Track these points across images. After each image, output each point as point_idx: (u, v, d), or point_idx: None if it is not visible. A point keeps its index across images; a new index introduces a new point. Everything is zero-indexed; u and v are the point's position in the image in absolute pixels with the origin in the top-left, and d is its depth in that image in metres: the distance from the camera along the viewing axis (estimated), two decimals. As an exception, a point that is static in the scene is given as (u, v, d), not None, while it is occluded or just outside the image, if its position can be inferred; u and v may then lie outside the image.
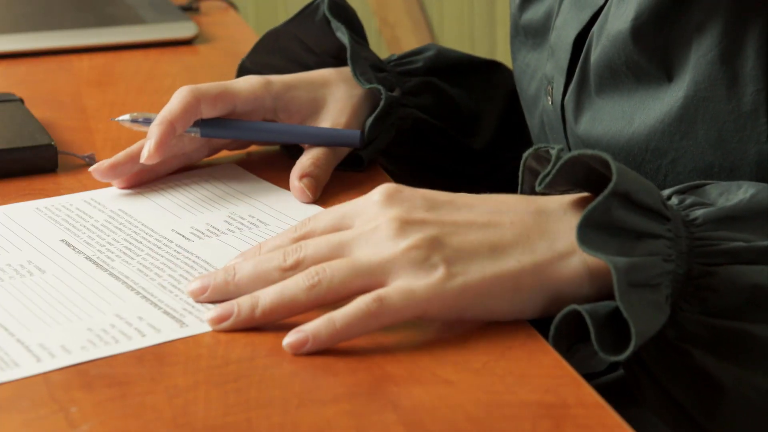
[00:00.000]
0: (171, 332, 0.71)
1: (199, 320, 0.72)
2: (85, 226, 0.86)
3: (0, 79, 1.25)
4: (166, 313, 0.73)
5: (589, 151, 0.69)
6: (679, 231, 0.69)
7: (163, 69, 1.29)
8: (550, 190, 0.72)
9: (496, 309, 0.70)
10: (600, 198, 0.67)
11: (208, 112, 0.93)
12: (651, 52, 0.80)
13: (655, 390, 0.71)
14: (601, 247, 0.67)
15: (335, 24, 1.00)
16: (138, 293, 0.76)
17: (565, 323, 0.68)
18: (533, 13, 0.98)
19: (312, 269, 0.71)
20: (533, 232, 0.71)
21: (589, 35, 0.86)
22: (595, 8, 0.86)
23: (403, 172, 1.05)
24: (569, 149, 0.90)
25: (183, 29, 1.38)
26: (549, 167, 0.70)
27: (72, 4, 1.50)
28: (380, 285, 0.70)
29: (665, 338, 0.69)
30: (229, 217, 0.88)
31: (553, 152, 0.71)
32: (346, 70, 0.99)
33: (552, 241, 0.71)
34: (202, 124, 0.93)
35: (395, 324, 0.69)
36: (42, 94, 1.17)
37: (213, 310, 0.72)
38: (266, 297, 0.71)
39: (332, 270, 0.70)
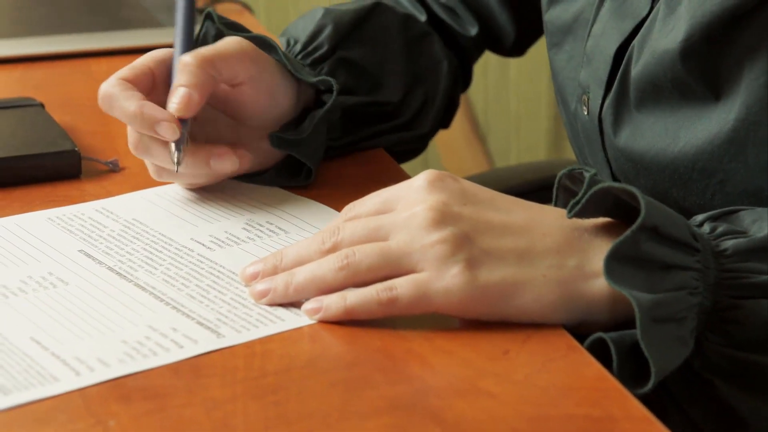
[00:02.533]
0: (208, 343, 0.70)
1: (235, 331, 0.71)
2: (101, 236, 0.85)
3: (17, 83, 1.24)
4: (200, 323, 0.72)
5: (617, 185, 0.70)
6: (708, 262, 0.70)
7: (181, 72, 1.28)
8: (580, 216, 0.72)
9: (513, 313, 0.71)
10: (628, 232, 0.68)
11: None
12: (700, 72, 0.79)
13: (678, 414, 0.71)
14: (628, 280, 0.68)
15: (234, 34, 0.94)
16: (168, 304, 0.75)
17: (590, 348, 0.69)
18: (561, 12, 0.96)
19: (343, 252, 0.73)
20: (564, 248, 0.71)
21: (630, 47, 0.85)
22: (638, 19, 0.85)
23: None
24: (607, 160, 0.89)
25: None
26: (580, 194, 0.70)
27: (87, 7, 1.49)
28: (406, 273, 0.72)
29: (689, 367, 0.70)
30: (247, 224, 0.87)
31: (587, 176, 0.71)
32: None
33: (581, 260, 0.71)
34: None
35: (409, 315, 0.71)
36: (60, 99, 1.16)
37: (258, 285, 0.75)
38: (299, 275, 0.74)
39: (361, 254, 0.72)
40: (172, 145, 0.86)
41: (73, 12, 1.47)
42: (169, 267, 0.80)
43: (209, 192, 0.92)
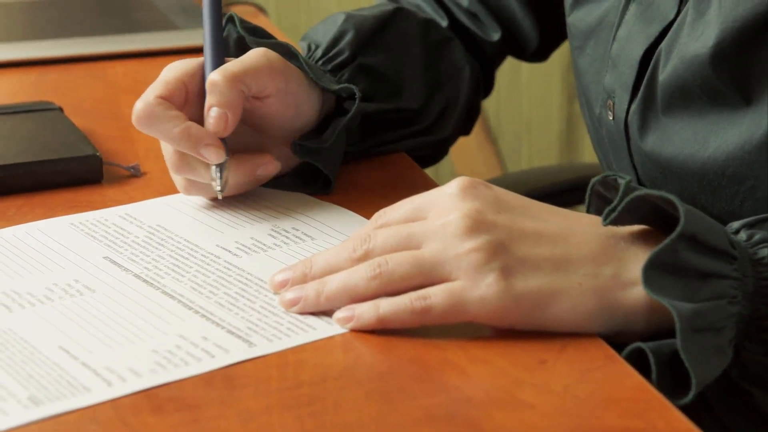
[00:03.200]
0: (240, 353, 0.69)
1: (266, 339, 0.70)
2: (126, 243, 0.84)
3: (32, 87, 1.23)
4: (230, 332, 0.71)
5: (655, 192, 0.69)
6: (746, 271, 0.69)
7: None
8: (616, 224, 0.71)
9: (549, 323, 0.70)
10: (667, 241, 0.67)
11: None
12: (730, 77, 0.78)
13: (715, 425, 0.71)
14: (666, 289, 0.67)
15: (256, 40, 0.93)
16: (197, 312, 0.74)
17: (628, 358, 0.68)
18: (584, 15, 0.95)
19: (375, 260, 0.72)
20: (600, 256, 0.70)
21: (657, 51, 0.84)
22: (665, 23, 0.84)
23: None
24: (633, 166, 0.88)
25: (216, 35, 1.36)
26: (615, 202, 0.70)
27: (100, 9, 1.48)
28: (439, 282, 0.71)
29: (727, 377, 0.69)
30: (273, 230, 0.86)
31: (622, 183, 0.70)
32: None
33: (617, 268, 0.70)
34: None
35: (442, 324, 0.70)
36: (77, 102, 1.15)
37: (288, 293, 0.74)
38: (331, 284, 0.73)
39: (394, 263, 0.72)
40: (214, 168, 0.85)
41: (87, 14, 1.46)
42: (196, 274, 0.79)
43: (233, 197, 0.91)
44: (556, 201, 0.90)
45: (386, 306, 0.70)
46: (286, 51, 0.91)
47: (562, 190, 1.41)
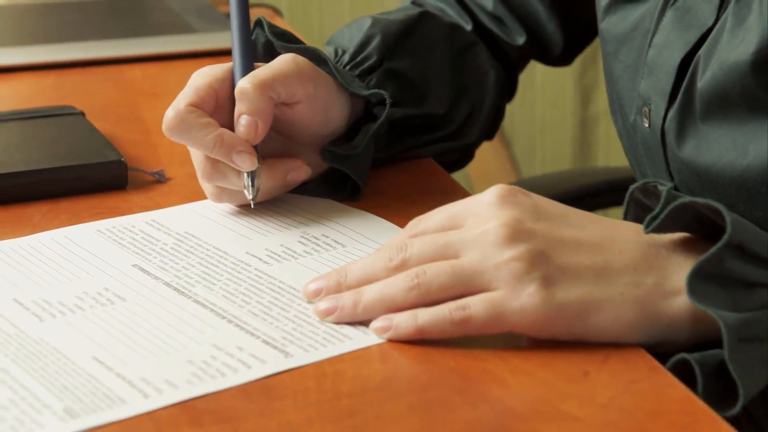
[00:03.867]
0: (277, 363, 0.68)
1: (303, 350, 0.69)
2: (154, 250, 0.83)
3: (50, 90, 1.22)
4: (266, 342, 0.70)
5: (700, 200, 0.68)
6: None
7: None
8: (658, 232, 0.70)
9: (591, 333, 0.69)
10: (713, 250, 0.66)
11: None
12: None
13: None
14: (711, 299, 0.66)
15: (284, 45, 0.92)
16: (230, 322, 0.73)
17: (672, 369, 0.67)
18: (618, 20, 0.94)
19: (413, 270, 0.71)
20: (641, 265, 0.69)
21: (695, 58, 0.83)
22: (703, 29, 0.83)
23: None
24: (670, 174, 0.87)
25: (234, 38, 1.35)
26: (658, 209, 0.69)
27: (116, 12, 1.47)
28: (478, 291, 0.70)
29: None
30: (302, 237, 0.85)
31: (663, 190, 0.69)
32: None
33: (659, 277, 0.69)
34: None
35: (482, 335, 0.69)
36: (97, 106, 1.14)
37: (322, 302, 0.73)
38: (368, 294, 0.72)
39: (432, 273, 0.70)
40: (246, 175, 0.84)
41: (102, 17, 1.45)
42: (227, 282, 0.78)
43: (260, 203, 0.90)
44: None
45: (425, 316, 0.69)
46: (315, 56, 0.90)
47: (578, 197, 1.40)
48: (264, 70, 0.85)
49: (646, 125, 0.89)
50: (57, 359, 0.68)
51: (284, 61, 0.86)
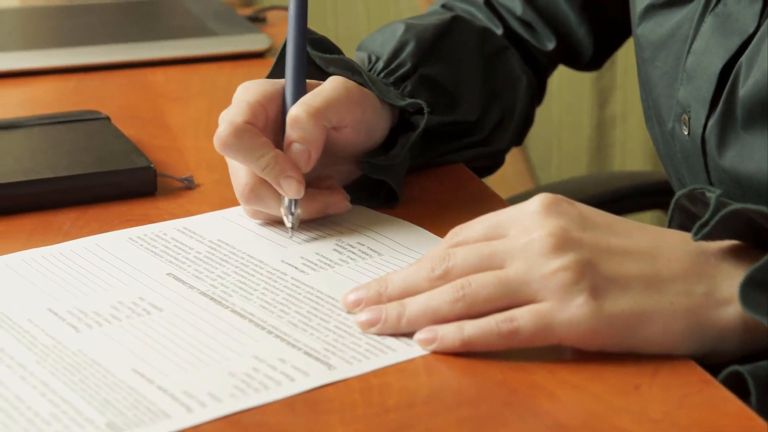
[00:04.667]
0: (320, 376, 0.67)
1: (346, 362, 0.68)
2: (187, 258, 0.82)
3: (73, 94, 1.21)
4: (308, 354, 0.69)
5: (753, 206, 0.67)
6: None
7: (241, 83, 1.24)
8: (707, 239, 0.69)
9: (640, 344, 0.68)
10: (767, 258, 0.65)
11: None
12: None
13: None
14: (765, 307, 0.65)
15: (320, 55, 0.91)
16: (270, 332, 0.72)
17: (724, 381, 0.66)
18: (655, 26, 0.93)
19: (458, 282, 0.70)
20: (691, 274, 0.68)
21: (737, 65, 0.81)
22: (744, 36, 0.82)
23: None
24: (710, 182, 0.85)
25: (256, 41, 1.34)
26: (707, 216, 0.67)
27: (135, 15, 1.46)
28: (525, 303, 0.68)
29: None
30: (338, 245, 0.83)
31: (711, 197, 0.68)
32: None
33: (709, 286, 0.68)
34: None
35: (529, 347, 0.67)
36: (121, 111, 1.12)
37: (364, 313, 0.72)
38: (412, 306, 0.70)
39: (478, 285, 0.69)
40: (286, 201, 0.83)
41: (122, 20, 1.44)
42: (264, 292, 0.77)
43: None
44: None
45: (471, 328, 0.68)
46: (349, 67, 0.89)
47: (603, 201, 1.38)
48: (316, 98, 0.84)
49: (686, 133, 0.87)
50: (96, 371, 0.67)
51: (335, 87, 0.85)
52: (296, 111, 0.83)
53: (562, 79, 2.10)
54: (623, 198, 1.39)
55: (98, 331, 0.72)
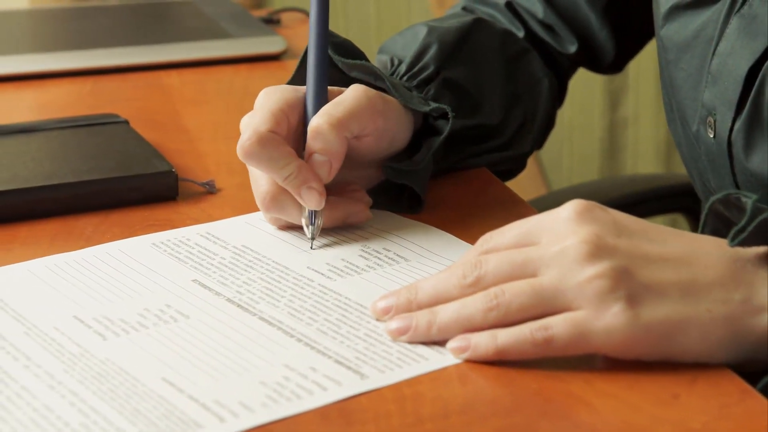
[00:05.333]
0: (353, 386, 0.66)
1: (378, 371, 0.67)
2: (212, 264, 0.81)
3: (89, 97, 1.20)
4: (338, 363, 0.68)
5: None
6: None
7: (257, 86, 1.21)
8: (744, 246, 0.68)
9: (677, 353, 0.67)
10: None
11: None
12: None
13: None
14: None
15: (342, 60, 0.90)
16: (300, 340, 0.71)
17: (763, 390, 0.65)
18: (679, 28, 0.92)
19: (492, 291, 0.69)
20: (728, 280, 0.67)
21: (764, 67, 0.81)
22: None
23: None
24: (736, 185, 0.85)
25: (272, 44, 1.33)
26: (744, 222, 0.66)
27: (149, 17, 1.45)
28: (560, 311, 0.67)
29: None
30: (363, 251, 0.83)
31: (748, 203, 0.67)
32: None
33: (747, 293, 0.67)
34: None
35: (564, 356, 0.66)
36: (139, 114, 1.12)
37: (394, 321, 0.71)
38: (444, 314, 0.70)
39: (512, 294, 0.68)
40: (306, 211, 0.82)
41: (136, 22, 1.43)
42: (291, 299, 0.76)
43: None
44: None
45: (504, 337, 0.67)
46: (372, 72, 0.88)
47: (619, 206, 1.37)
48: (338, 108, 0.83)
49: (711, 135, 0.86)
50: (125, 380, 0.66)
51: (357, 96, 0.84)
52: (318, 122, 0.82)
53: (574, 80, 2.10)
54: (641, 201, 1.38)
55: (125, 339, 0.71)
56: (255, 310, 0.74)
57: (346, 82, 0.90)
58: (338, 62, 0.89)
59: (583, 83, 2.09)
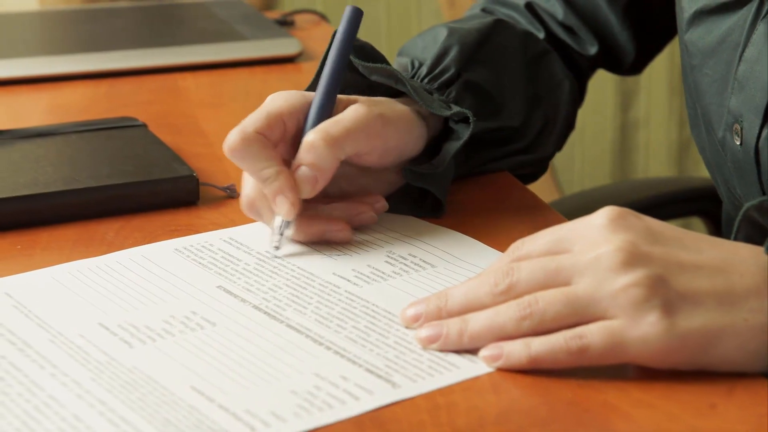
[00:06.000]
0: (385, 395, 0.65)
1: (409, 380, 0.66)
2: (236, 270, 0.80)
3: (105, 100, 1.19)
4: (369, 371, 0.67)
5: None
6: None
7: (273, 88, 1.20)
8: None
9: (714, 362, 0.66)
10: None
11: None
12: None
13: None
14: None
15: (362, 64, 0.89)
16: (329, 348, 0.70)
17: None
18: (704, 33, 0.91)
19: (525, 300, 0.67)
20: (764, 289, 0.66)
21: None
22: None
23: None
24: (763, 193, 0.84)
25: (287, 46, 1.32)
26: None
27: (162, 19, 1.44)
28: (594, 320, 0.66)
29: None
30: (389, 257, 0.82)
31: None
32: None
33: None
34: None
35: (598, 365, 0.65)
36: (155, 117, 1.11)
37: (424, 329, 0.70)
38: (476, 323, 0.69)
39: (545, 303, 0.67)
40: (278, 219, 0.81)
41: (148, 24, 1.43)
42: (318, 306, 0.75)
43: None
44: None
45: (538, 345, 0.66)
46: (392, 76, 0.88)
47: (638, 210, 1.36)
48: (336, 127, 0.82)
49: (738, 143, 0.85)
50: (154, 389, 0.65)
51: (356, 118, 0.83)
52: (313, 137, 0.81)
53: (586, 81, 2.09)
54: (656, 206, 1.37)
55: (152, 347, 0.70)
56: (282, 318, 0.73)
57: (366, 85, 0.89)
58: (358, 65, 0.88)
59: (595, 84, 2.08)
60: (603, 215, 0.69)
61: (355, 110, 0.83)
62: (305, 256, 0.82)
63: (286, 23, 1.45)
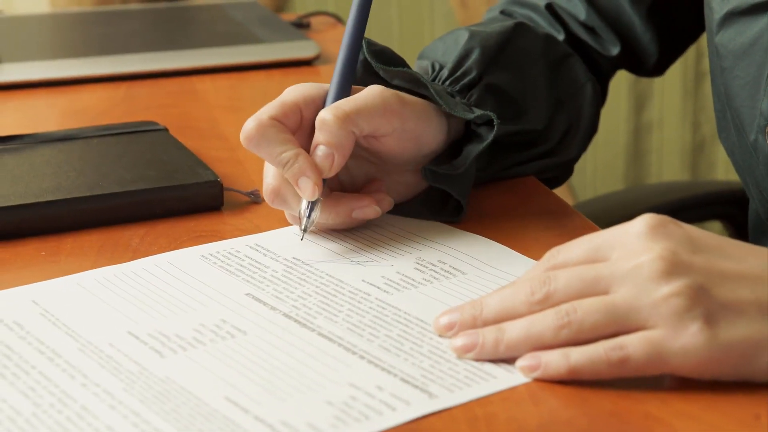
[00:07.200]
0: (422, 405, 0.64)
1: (446, 390, 0.65)
2: (264, 277, 0.79)
3: (123, 103, 1.18)
4: (405, 381, 0.66)
5: None
6: None
7: (292, 92, 1.22)
8: None
9: (757, 373, 0.65)
10: None
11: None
12: None
13: None
14: None
15: (382, 67, 0.88)
16: (363, 357, 0.69)
17: None
18: (735, 34, 0.90)
19: (563, 308, 0.66)
20: None
21: None
22: None
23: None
24: None
25: (305, 48, 1.31)
26: None
27: (179, 22, 1.43)
28: (633, 330, 0.65)
29: None
30: (418, 264, 0.81)
31: None
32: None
33: None
34: None
35: (637, 376, 0.64)
36: (175, 120, 1.10)
37: (460, 338, 0.69)
38: (512, 332, 0.67)
39: (584, 312, 0.66)
40: (304, 203, 0.81)
41: (163, 27, 1.42)
42: (349, 314, 0.74)
43: (364, 227, 0.86)
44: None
45: (577, 356, 0.65)
46: (414, 79, 0.87)
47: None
48: (348, 103, 0.81)
49: None
50: (187, 400, 0.64)
51: (370, 94, 0.82)
52: (324, 114, 0.81)
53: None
54: (675, 211, 1.36)
55: (183, 356, 0.69)
56: (313, 326, 0.72)
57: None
58: (379, 70, 0.87)
59: (610, 87, 2.08)
60: (642, 223, 0.68)
61: (371, 89, 0.83)
62: (333, 263, 0.81)
63: (302, 25, 1.44)
